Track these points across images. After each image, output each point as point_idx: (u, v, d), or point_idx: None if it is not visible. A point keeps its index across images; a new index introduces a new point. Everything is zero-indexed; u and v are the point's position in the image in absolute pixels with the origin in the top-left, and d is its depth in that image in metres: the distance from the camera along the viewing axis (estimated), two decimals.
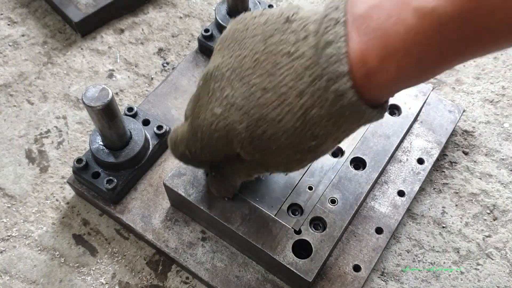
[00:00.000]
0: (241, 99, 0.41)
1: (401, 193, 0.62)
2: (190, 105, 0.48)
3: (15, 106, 0.73)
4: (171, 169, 0.63)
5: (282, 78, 0.39)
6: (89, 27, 0.79)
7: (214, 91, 0.43)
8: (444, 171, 0.68)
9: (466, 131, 0.71)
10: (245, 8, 0.71)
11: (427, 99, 0.64)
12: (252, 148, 0.43)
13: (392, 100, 0.63)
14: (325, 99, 0.38)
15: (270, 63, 0.40)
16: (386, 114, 0.62)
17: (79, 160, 0.61)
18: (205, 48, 0.74)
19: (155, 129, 0.64)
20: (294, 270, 0.51)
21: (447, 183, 0.67)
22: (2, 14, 0.82)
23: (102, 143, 0.61)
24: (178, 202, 0.60)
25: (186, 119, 0.48)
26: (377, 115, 0.40)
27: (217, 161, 0.50)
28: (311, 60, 0.38)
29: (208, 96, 0.44)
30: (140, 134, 0.62)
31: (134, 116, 0.65)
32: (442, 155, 0.69)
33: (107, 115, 0.55)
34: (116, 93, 0.74)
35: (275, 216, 0.55)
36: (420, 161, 0.65)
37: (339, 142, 0.43)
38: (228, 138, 0.43)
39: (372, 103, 0.39)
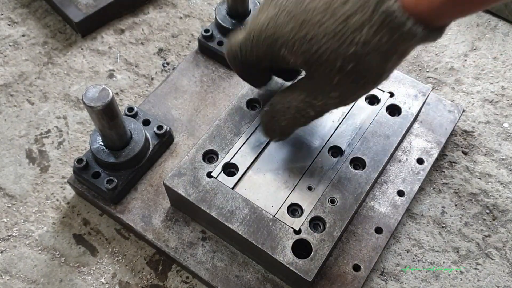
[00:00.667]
0: (292, 5, 0.46)
1: (400, 193, 0.63)
2: (253, 14, 0.53)
3: (15, 106, 0.73)
4: (171, 169, 0.63)
5: None
6: (89, 27, 0.79)
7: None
8: (443, 171, 0.68)
9: (465, 131, 0.71)
10: (245, 9, 0.72)
11: (426, 99, 0.64)
12: (294, 49, 0.46)
13: (391, 100, 0.63)
14: (368, 6, 0.41)
15: None
16: (386, 114, 0.62)
17: (79, 160, 0.61)
18: (205, 48, 0.74)
19: (155, 129, 0.64)
20: (294, 270, 0.51)
21: (446, 183, 0.67)
22: (2, 14, 0.82)
23: (102, 143, 0.61)
24: (178, 202, 0.60)
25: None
26: (421, 33, 0.42)
27: (262, 66, 0.53)
28: None
29: (268, 4, 0.49)
30: (140, 134, 0.62)
31: (134, 116, 0.65)
32: (442, 155, 0.69)
33: (107, 115, 0.55)
34: (117, 93, 0.74)
35: (275, 216, 0.55)
36: (420, 161, 0.65)
37: (383, 62, 0.44)
38: (274, 38, 0.48)
39: (419, 21, 0.41)
